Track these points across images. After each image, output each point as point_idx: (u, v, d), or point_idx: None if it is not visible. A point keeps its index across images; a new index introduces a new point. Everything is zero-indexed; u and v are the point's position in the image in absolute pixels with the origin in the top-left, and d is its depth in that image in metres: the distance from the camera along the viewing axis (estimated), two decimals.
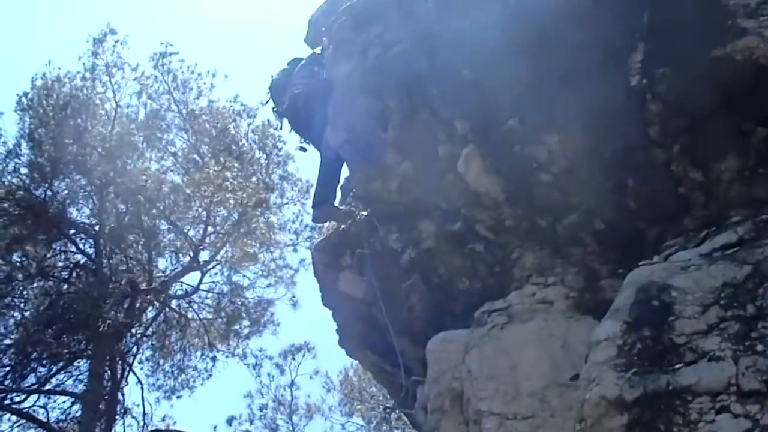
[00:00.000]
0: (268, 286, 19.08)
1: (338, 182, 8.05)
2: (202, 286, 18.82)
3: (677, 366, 3.86)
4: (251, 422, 21.50)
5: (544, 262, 5.78)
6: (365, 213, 7.70)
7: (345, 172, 7.97)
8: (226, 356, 19.39)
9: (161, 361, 19.04)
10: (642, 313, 4.27)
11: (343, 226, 8.00)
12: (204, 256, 18.51)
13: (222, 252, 18.50)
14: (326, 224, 9.71)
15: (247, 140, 18.92)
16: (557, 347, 5.28)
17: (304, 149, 8.43)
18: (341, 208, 8.21)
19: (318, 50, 8.28)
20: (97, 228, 17.84)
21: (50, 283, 17.36)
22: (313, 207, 8.07)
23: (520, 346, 5.44)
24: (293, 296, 19.07)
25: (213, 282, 19.05)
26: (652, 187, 5.10)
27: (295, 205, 19.04)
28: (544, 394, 5.14)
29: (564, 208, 5.50)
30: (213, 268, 18.80)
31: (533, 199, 5.63)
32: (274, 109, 8.62)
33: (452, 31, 5.92)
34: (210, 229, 17.97)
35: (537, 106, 5.38)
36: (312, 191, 9.67)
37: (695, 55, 4.64)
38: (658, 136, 4.93)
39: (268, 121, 17.55)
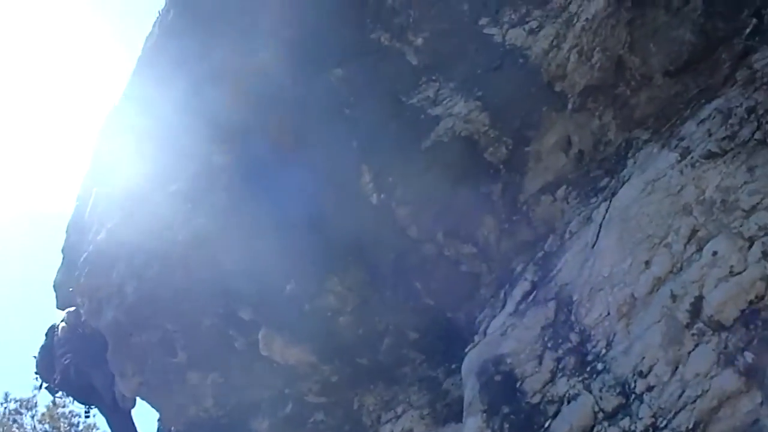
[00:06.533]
0: None
1: None
2: None
3: (547, 424, 3.87)
4: None
5: (385, 395, 5.66)
6: None
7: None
8: None
9: None
10: (492, 393, 4.29)
11: None
12: None
13: None
14: None
15: None
16: None
17: (87, 415, 7.86)
18: None
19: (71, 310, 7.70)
20: None
21: None
22: None
23: None
24: None
25: None
26: (437, 281, 5.27)
27: None
28: None
29: (374, 337, 5.48)
30: None
31: (343, 345, 5.55)
32: (47, 387, 7.96)
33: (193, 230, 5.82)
34: None
35: (311, 268, 5.43)
36: None
37: (410, 153, 5.01)
38: (419, 234, 5.16)
39: (53, 401, 15.91)
